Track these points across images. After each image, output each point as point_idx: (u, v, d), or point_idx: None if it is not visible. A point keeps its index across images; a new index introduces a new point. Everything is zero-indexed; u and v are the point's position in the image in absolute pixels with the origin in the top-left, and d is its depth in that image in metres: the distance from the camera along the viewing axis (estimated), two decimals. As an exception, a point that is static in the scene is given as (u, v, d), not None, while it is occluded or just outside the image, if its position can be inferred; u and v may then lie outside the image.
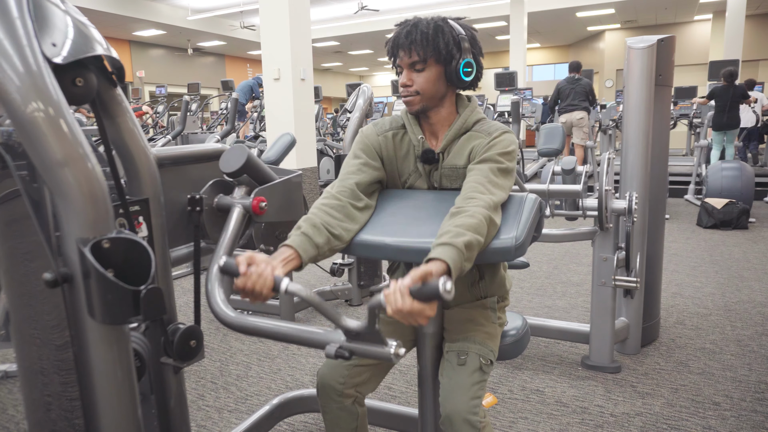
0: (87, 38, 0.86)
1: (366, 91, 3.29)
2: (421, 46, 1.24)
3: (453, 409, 1.21)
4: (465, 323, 1.33)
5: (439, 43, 1.24)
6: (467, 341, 1.29)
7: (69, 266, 0.79)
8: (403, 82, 1.28)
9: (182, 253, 1.32)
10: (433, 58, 1.25)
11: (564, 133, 2.96)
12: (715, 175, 5.81)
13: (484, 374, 1.27)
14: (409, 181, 1.37)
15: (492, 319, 1.37)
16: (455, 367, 1.26)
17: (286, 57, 5.43)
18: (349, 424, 1.36)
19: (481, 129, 1.30)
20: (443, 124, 1.33)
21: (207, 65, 18.25)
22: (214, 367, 2.58)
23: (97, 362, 0.83)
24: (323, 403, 1.36)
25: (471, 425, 1.19)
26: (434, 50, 1.24)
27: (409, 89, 1.28)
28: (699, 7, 14.40)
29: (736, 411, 2.07)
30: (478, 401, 1.23)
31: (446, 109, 1.32)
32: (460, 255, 1.04)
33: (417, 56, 1.25)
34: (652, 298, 2.71)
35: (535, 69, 20.27)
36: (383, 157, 1.36)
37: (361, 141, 1.37)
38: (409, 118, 1.35)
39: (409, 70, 1.27)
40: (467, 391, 1.22)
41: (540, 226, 1.36)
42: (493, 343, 1.33)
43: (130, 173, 1.06)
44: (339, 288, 3.36)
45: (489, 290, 1.38)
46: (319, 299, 0.94)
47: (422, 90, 1.27)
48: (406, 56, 1.26)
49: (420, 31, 1.24)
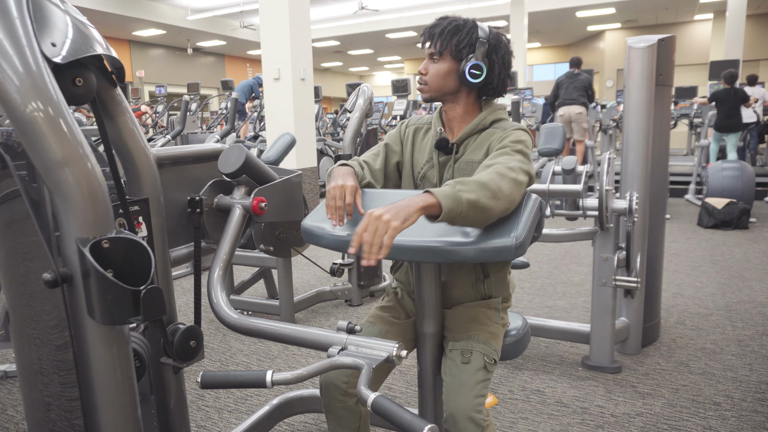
0: (86, 38, 0.85)
1: (366, 91, 3.28)
2: (439, 38, 1.32)
3: (457, 407, 1.21)
4: (469, 322, 1.34)
5: (453, 39, 1.32)
6: (471, 340, 1.30)
7: (69, 266, 0.79)
8: (420, 70, 1.37)
9: (182, 253, 1.31)
10: (448, 53, 1.33)
11: (564, 132, 2.95)
12: (715, 175, 5.81)
13: (488, 373, 1.28)
14: (422, 171, 1.43)
15: (495, 319, 1.37)
16: (459, 365, 1.26)
17: (286, 57, 5.43)
18: (353, 423, 1.37)
19: (498, 126, 1.37)
20: (460, 121, 1.40)
21: (207, 65, 18.25)
22: (214, 367, 2.58)
23: (96, 362, 0.83)
24: (327, 402, 1.36)
25: (475, 423, 1.19)
26: (448, 45, 1.32)
27: (422, 77, 1.37)
28: (699, 6, 14.39)
29: (736, 411, 2.07)
30: (482, 399, 1.23)
31: (462, 107, 1.38)
32: (458, 203, 1.05)
33: (434, 48, 1.34)
34: (653, 298, 2.70)
35: (535, 69, 20.26)
36: (404, 143, 1.48)
37: (396, 128, 1.52)
38: (435, 114, 1.46)
39: (428, 60, 1.37)
40: (471, 390, 1.22)
41: (540, 226, 1.36)
42: (497, 343, 1.34)
43: (130, 173, 1.06)
44: (339, 288, 3.35)
45: (493, 290, 1.39)
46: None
47: (430, 81, 1.35)
48: (428, 47, 1.36)
49: (444, 25, 1.33)
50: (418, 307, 1.30)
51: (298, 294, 3.24)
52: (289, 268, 3.03)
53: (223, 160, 1.33)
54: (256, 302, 3.21)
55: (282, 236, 1.59)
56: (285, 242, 1.61)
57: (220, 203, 1.35)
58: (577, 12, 14.37)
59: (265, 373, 0.97)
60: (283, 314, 3.05)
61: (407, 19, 15.23)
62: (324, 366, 0.98)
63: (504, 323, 1.42)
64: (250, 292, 3.60)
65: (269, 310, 3.13)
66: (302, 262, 4.34)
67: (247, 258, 3.18)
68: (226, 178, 1.35)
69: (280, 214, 1.41)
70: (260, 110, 8.56)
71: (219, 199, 1.35)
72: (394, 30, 15.94)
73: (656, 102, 2.45)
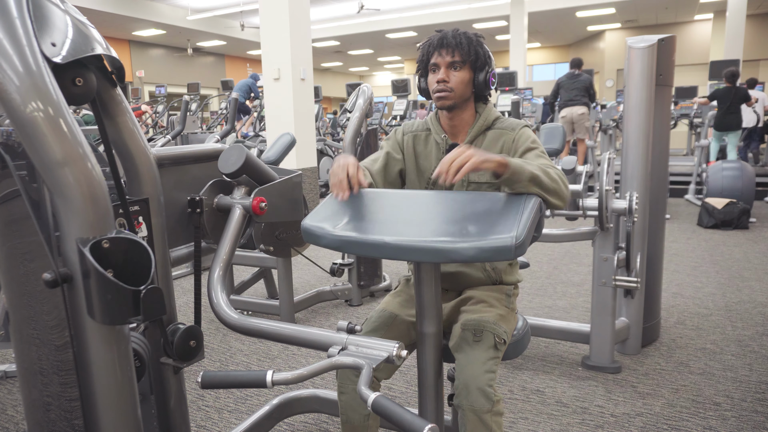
0: (86, 38, 0.85)
1: (366, 91, 3.28)
2: (466, 49, 1.42)
3: (468, 377, 1.25)
4: (480, 304, 1.42)
5: (479, 51, 1.44)
6: (482, 321, 1.36)
7: (69, 266, 0.79)
8: (441, 78, 1.43)
9: (182, 253, 1.31)
10: (470, 63, 1.43)
11: (564, 132, 2.95)
12: (715, 175, 5.80)
13: (498, 352, 1.33)
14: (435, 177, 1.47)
15: (506, 304, 1.46)
16: (471, 343, 1.32)
17: (286, 57, 5.43)
18: (364, 409, 1.39)
19: (503, 126, 1.48)
20: (464, 125, 1.50)
21: (207, 65, 18.25)
22: (214, 367, 2.58)
23: (96, 362, 0.83)
24: (341, 383, 1.41)
25: (486, 396, 1.23)
26: (474, 55, 1.43)
27: (446, 85, 1.43)
28: (699, 6, 14.39)
29: (736, 411, 2.07)
30: (493, 375, 1.27)
31: (467, 112, 1.49)
32: (524, 169, 1.20)
33: (459, 56, 1.42)
34: (653, 298, 2.70)
35: (535, 69, 20.27)
36: (405, 152, 1.55)
37: (391, 137, 1.58)
38: (432, 121, 1.53)
39: (448, 69, 1.43)
40: (483, 365, 1.27)
41: (540, 226, 1.37)
42: (507, 326, 1.40)
43: (130, 173, 1.06)
44: (339, 288, 3.35)
45: (503, 276, 1.50)
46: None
47: (456, 88, 1.43)
48: (449, 55, 1.42)
49: (466, 37, 1.43)
50: (418, 307, 1.30)
51: (298, 294, 3.24)
52: (289, 268, 3.03)
53: (223, 160, 1.33)
54: (256, 302, 3.21)
55: (282, 236, 1.59)
56: (285, 242, 1.61)
57: (220, 203, 1.35)
58: (577, 12, 14.37)
59: (265, 373, 0.97)
60: (283, 314, 3.05)
61: (407, 19, 15.23)
62: (324, 366, 0.98)
63: (514, 309, 1.49)
64: (250, 292, 3.60)
65: (269, 310, 3.13)
66: (302, 262, 4.34)
67: (247, 258, 3.18)
68: (226, 178, 1.35)
69: (280, 214, 1.41)
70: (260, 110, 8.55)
71: (219, 199, 1.35)
72: (394, 30, 15.95)
73: (656, 102, 2.45)
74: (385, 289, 3.55)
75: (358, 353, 0.99)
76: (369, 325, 1.44)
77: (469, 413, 1.23)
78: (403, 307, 1.49)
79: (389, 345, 0.99)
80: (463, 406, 1.25)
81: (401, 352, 0.98)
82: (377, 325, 1.43)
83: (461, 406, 1.25)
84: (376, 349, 0.99)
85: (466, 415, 1.24)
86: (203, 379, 1.01)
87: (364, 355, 0.98)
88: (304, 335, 1.08)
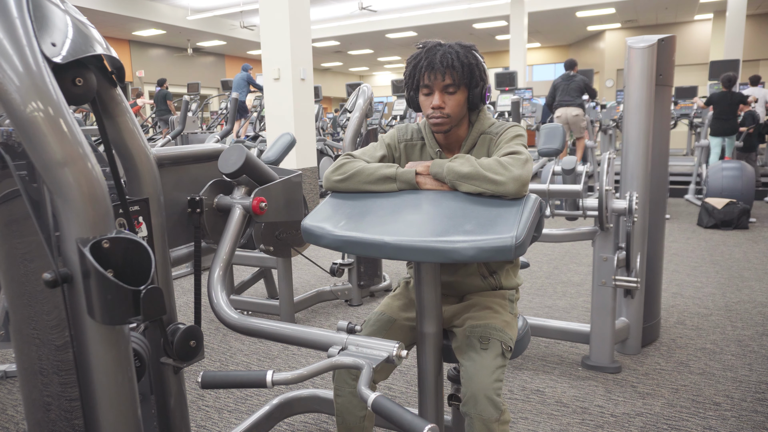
0: (86, 38, 0.85)
1: (366, 91, 3.28)
2: (459, 71, 1.34)
3: (477, 387, 1.24)
4: (485, 310, 1.40)
5: (474, 70, 1.36)
6: (488, 327, 1.34)
7: (69, 266, 0.79)
8: (437, 105, 1.36)
9: (182, 253, 1.31)
10: (465, 84, 1.36)
11: (564, 132, 2.95)
12: (715, 175, 5.80)
13: (505, 359, 1.32)
14: None
15: (509, 309, 1.44)
16: (479, 351, 1.30)
17: (286, 57, 5.43)
18: (359, 411, 1.39)
19: (491, 130, 1.43)
20: (459, 140, 1.45)
21: (207, 65, 18.25)
22: (214, 367, 2.58)
23: (96, 362, 0.83)
24: (337, 386, 1.40)
25: (494, 405, 1.23)
26: (469, 76, 1.36)
27: (442, 111, 1.37)
28: (699, 6, 14.39)
29: (736, 411, 2.07)
30: (500, 384, 1.27)
31: (462, 128, 1.44)
32: (447, 170, 1.25)
33: (451, 80, 1.34)
34: (653, 298, 2.70)
35: (535, 69, 20.27)
36: (398, 161, 1.49)
37: (388, 136, 1.51)
38: (427, 132, 1.47)
39: (442, 93, 1.36)
40: (492, 374, 1.26)
41: (540, 226, 1.37)
42: (512, 332, 1.39)
43: (130, 173, 1.06)
44: (339, 288, 3.35)
45: (503, 281, 1.47)
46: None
47: (452, 113, 1.37)
48: (440, 79, 1.34)
49: (457, 57, 1.34)
50: (419, 307, 1.30)
51: (298, 294, 3.24)
52: (289, 268, 3.03)
53: (223, 160, 1.33)
54: (256, 302, 3.21)
55: (282, 236, 1.59)
56: (285, 242, 1.61)
57: (220, 203, 1.35)
58: (577, 12, 14.37)
59: (265, 373, 0.97)
60: (283, 314, 3.05)
61: (407, 19, 15.24)
62: (324, 366, 0.98)
63: (516, 314, 1.47)
64: (250, 292, 3.60)
65: (269, 310, 3.13)
66: (302, 262, 4.34)
67: (247, 258, 3.18)
68: (226, 178, 1.35)
69: (280, 214, 1.41)
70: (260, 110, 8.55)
71: (219, 199, 1.35)
72: (394, 30, 15.95)
73: (656, 102, 2.45)
74: (385, 289, 3.55)
75: (358, 353, 0.99)
76: (367, 328, 1.42)
77: (477, 422, 1.22)
78: (402, 310, 1.47)
79: (389, 345, 0.99)
80: (472, 415, 1.23)
81: (401, 352, 0.98)
82: (375, 329, 1.42)
83: (469, 414, 1.24)
84: (376, 349, 0.99)
85: (474, 424, 1.23)
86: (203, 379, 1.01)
87: (364, 355, 0.98)
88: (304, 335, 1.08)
